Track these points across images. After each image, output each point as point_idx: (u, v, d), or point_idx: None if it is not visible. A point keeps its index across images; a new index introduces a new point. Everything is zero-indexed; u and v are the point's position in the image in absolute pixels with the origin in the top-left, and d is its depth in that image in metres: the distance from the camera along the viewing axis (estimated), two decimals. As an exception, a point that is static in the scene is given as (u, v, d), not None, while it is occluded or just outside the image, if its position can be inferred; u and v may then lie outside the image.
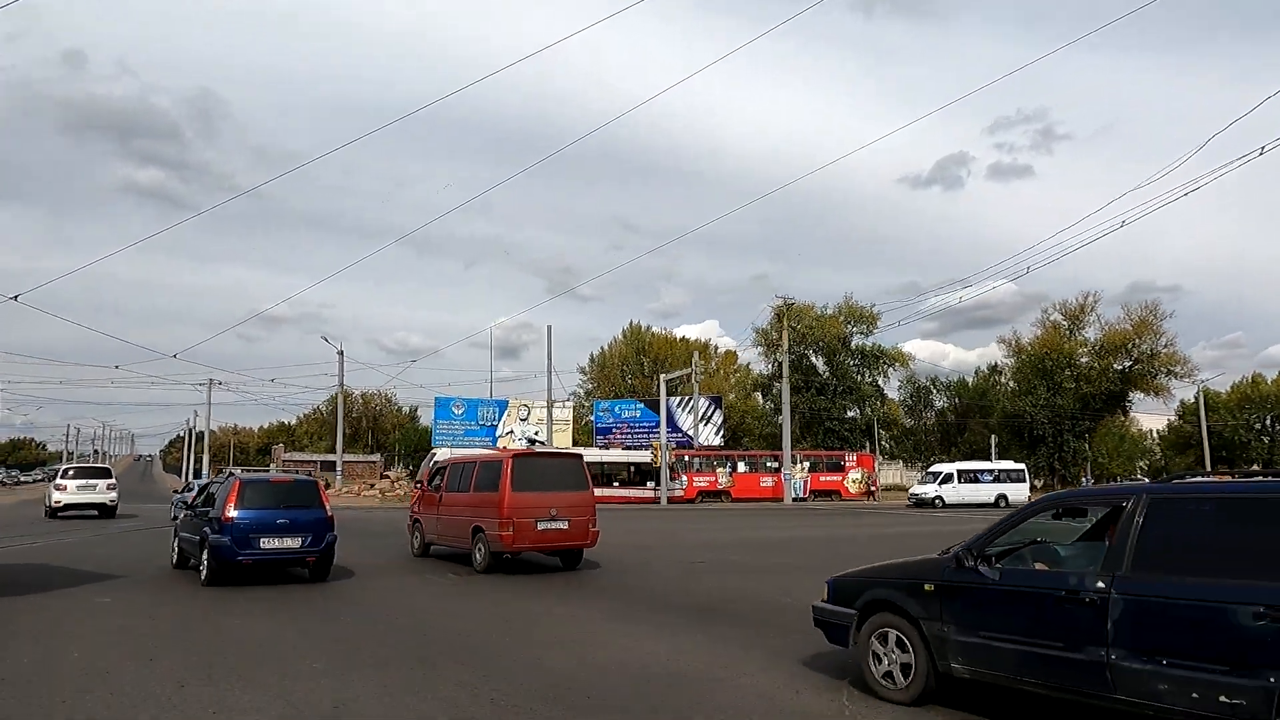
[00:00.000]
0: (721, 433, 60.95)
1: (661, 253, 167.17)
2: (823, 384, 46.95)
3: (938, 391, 69.83)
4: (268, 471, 37.06)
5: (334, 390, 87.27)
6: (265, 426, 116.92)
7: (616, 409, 65.04)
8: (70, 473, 28.63)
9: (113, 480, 27.93)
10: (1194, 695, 4.21)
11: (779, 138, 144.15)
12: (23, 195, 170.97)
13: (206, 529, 11.82)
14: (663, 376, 51.14)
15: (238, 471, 20.85)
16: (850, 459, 44.70)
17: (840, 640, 6.18)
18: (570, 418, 66.92)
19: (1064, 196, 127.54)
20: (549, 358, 72.48)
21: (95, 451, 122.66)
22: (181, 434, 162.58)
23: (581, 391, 79.53)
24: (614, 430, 64.77)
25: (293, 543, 11.80)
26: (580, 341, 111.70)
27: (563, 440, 65.79)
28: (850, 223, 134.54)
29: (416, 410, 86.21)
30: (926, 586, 5.59)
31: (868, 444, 50.38)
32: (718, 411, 61.21)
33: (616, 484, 46.02)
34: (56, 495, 27.01)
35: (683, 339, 78.97)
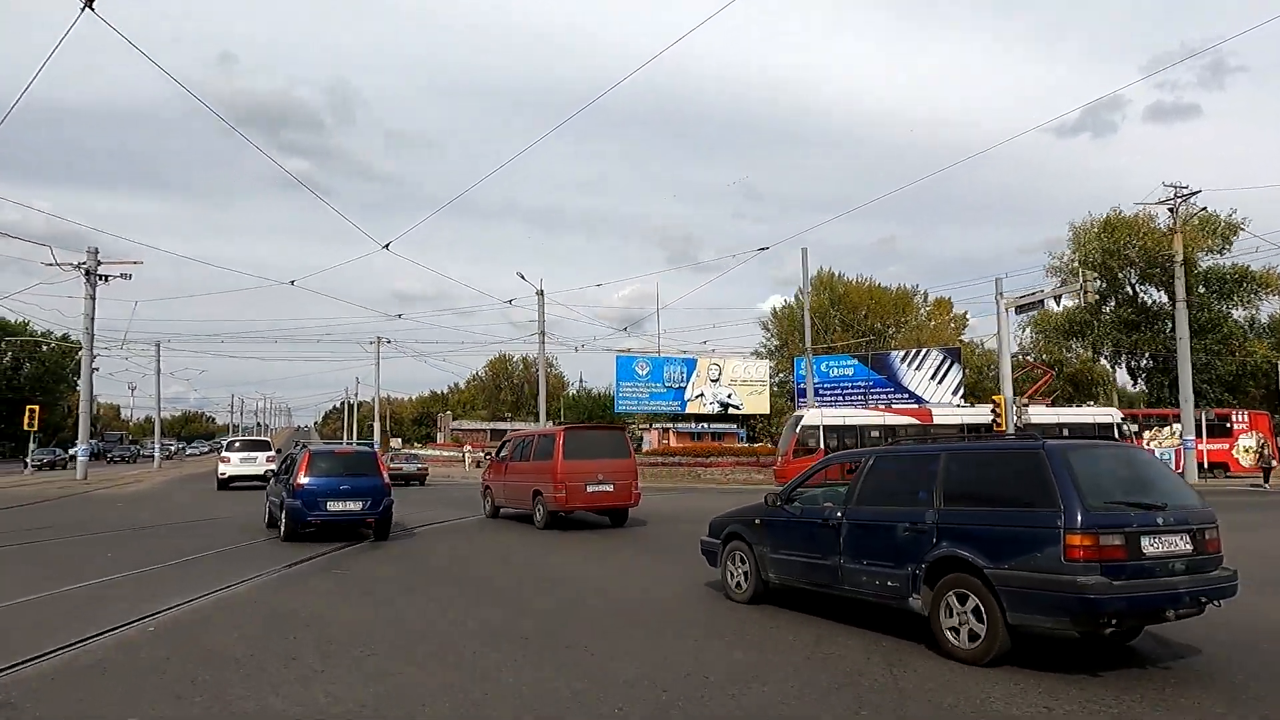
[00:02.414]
0: (960, 391, 50.25)
1: (784, 219, 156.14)
2: (1159, 315, 35.55)
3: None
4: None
5: (493, 356, 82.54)
6: (419, 396, 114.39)
7: (823, 366, 55.35)
8: (236, 445, 30.28)
9: (272, 453, 28.46)
10: (876, 583, 6.79)
11: (904, 93, 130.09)
12: (186, 187, 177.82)
13: (284, 493, 13.63)
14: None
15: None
16: (1240, 418, 32.32)
17: (713, 562, 8.97)
18: (766, 378, 57.88)
19: (1239, 136, 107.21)
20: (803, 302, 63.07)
21: (258, 424, 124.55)
22: (337, 405, 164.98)
23: (764, 351, 70.37)
24: (820, 391, 55.19)
25: (354, 506, 13.46)
26: (697, 312, 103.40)
27: (758, 406, 57.05)
28: (985, 179, 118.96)
29: (579, 379, 79.83)
30: (755, 521, 8.34)
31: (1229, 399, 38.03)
32: (954, 366, 50.56)
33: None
34: (223, 468, 28.22)
35: (884, 287, 68.25)
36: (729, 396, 56.85)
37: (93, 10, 11.94)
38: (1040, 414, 30.11)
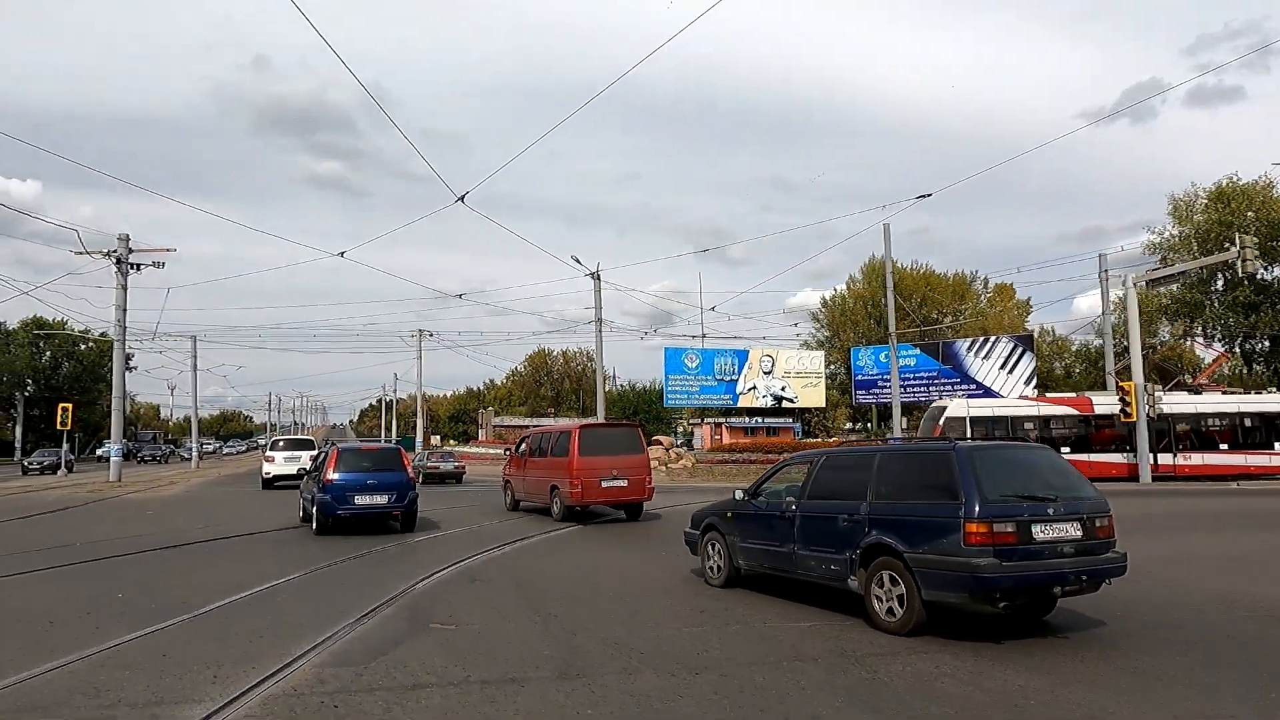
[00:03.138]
0: (1033, 381, 47.18)
1: (814, 212, 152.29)
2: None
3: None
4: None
5: (533, 350, 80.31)
6: (455, 393, 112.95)
7: (882, 356, 52.41)
8: (280, 444, 29.48)
9: (315, 452, 27.53)
10: (823, 567, 7.66)
11: (934, 80, 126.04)
12: (222, 191, 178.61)
13: (315, 489, 14.35)
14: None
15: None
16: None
17: (694, 550, 9.81)
18: (821, 369, 55.10)
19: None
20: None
21: (295, 423, 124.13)
22: (373, 403, 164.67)
23: (814, 342, 67.50)
24: (879, 383, 52.35)
25: (381, 499, 14.06)
26: (731, 304, 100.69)
27: (813, 399, 54.32)
28: (1020, 167, 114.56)
29: (613, 375, 77.51)
30: (728, 514, 9.23)
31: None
32: (1026, 355, 47.49)
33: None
34: (267, 467, 27.75)
35: (940, 274, 65.09)
36: (783, 389, 54.18)
37: None
38: (1216, 403, 27.47)
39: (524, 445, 18.88)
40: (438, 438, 74.62)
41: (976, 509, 6.37)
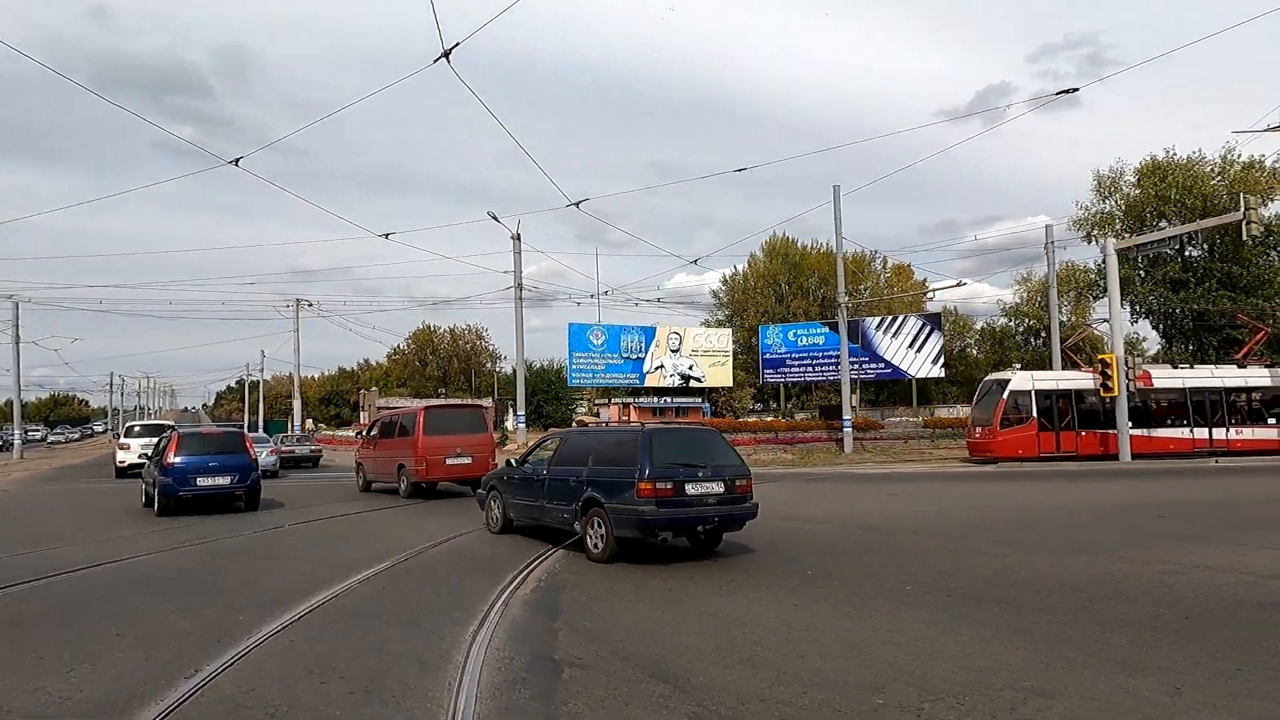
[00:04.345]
0: (941, 360, 47.32)
1: (694, 196, 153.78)
2: (1208, 271, 32.25)
3: None
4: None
5: (415, 329, 74.66)
6: (326, 374, 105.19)
7: (790, 335, 51.42)
8: (136, 430, 27.83)
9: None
10: (561, 516, 10.29)
11: (811, 74, 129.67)
12: (62, 155, 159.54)
13: (156, 472, 14.91)
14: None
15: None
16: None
17: (482, 506, 12.34)
18: (728, 348, 53.48)
19: (1114, 126, 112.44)
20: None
21: (138, 407, 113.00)
22: (232, 385, 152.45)
23: (713, 321, 66.15)
24: (787, 362, 51.32)
25: (223, 481, 14.85)
26: (614, 286, 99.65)
27: (720, 378, 52.68)
28: (887, 160, 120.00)
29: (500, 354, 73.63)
30: (504, 478, 11.83)
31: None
32: (935, 333, 47.52)
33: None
34: (121, 455, 26.16)
35: (834, 253, 64.79)
36: (690, 368, 52.21)
37: None
38: (1260, 377, 26.92)
39: (375, 428, 19.95)
40: (310, 421, 68.47)
41: (646, 473, 9.09)
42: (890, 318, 49.23)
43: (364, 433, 21.92)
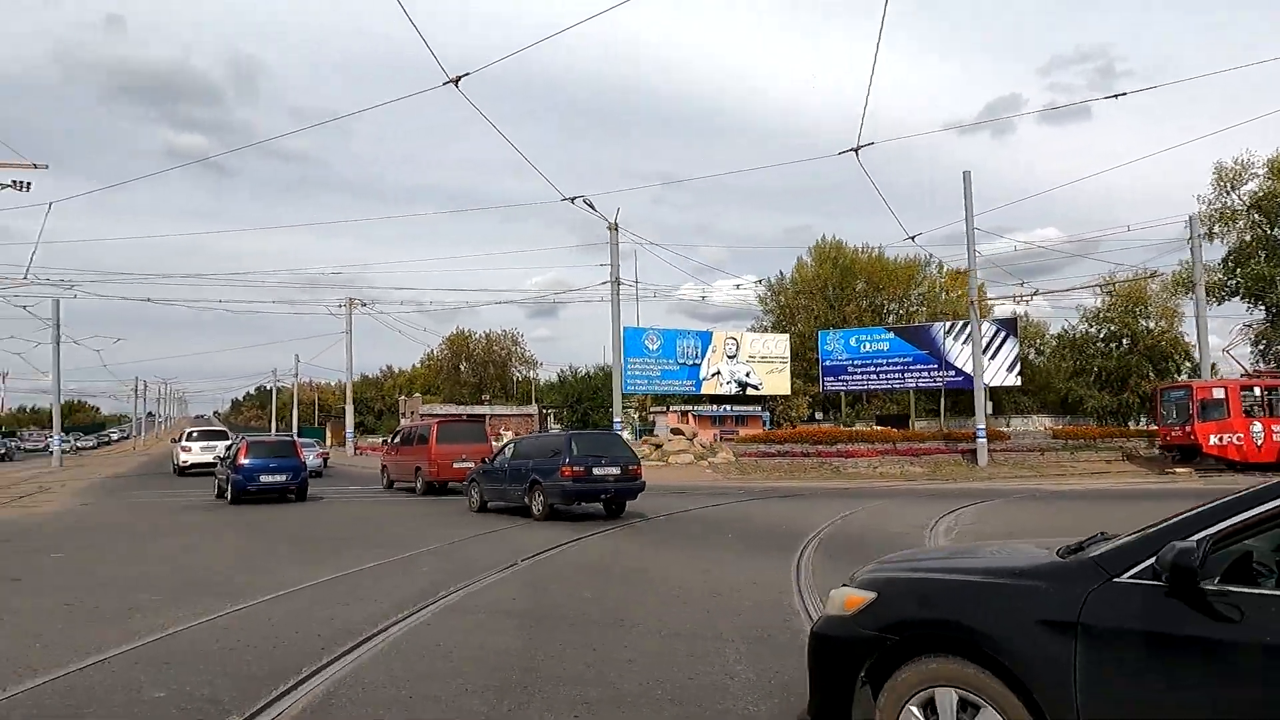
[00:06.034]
0: (1016, 368, 45.07)
1: (699, 207, 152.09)
2: None
3: None
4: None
5: (452, 333, 72.28)
6: (341, 382, 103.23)
7: (852, 341, 49.12)
8: (194, 435, 33.45)
9: (229, 441, 29.93)
10: (517, 495, 15.34)
11: (821, 86, 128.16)
12: (69, 163, 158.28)
13: (229, 471, 18.95)
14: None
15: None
16: None
17: (466, 494, 17.25)
18: (786, 354, 51.23)
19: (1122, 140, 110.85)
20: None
21: (148, 415, 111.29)
22: (250, 391, 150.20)
23: (758, 327, 63.97)
24: (848, 369, 49.01)
25: (280, 479, 18.75)
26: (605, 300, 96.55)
27: (778, 385, 50.47)
28: (895, 171, 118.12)
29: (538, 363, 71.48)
30: (481, 471, 16.60)
31: None
32: (1009, 339, 45.30)
33: None
34: (184, 456, 31.26)
35: (887, 257, 62.51)
36: (747, 375, 50.00)
37: None
38: None
39: (397, 438, 24.28)
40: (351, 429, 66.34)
41: (568, 461, 14.16)
42: (961, 323, 46.90)
43: (389, 440, 26.77)
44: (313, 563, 10.01)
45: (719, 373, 49.23)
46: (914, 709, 2.95)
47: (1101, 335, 44.38)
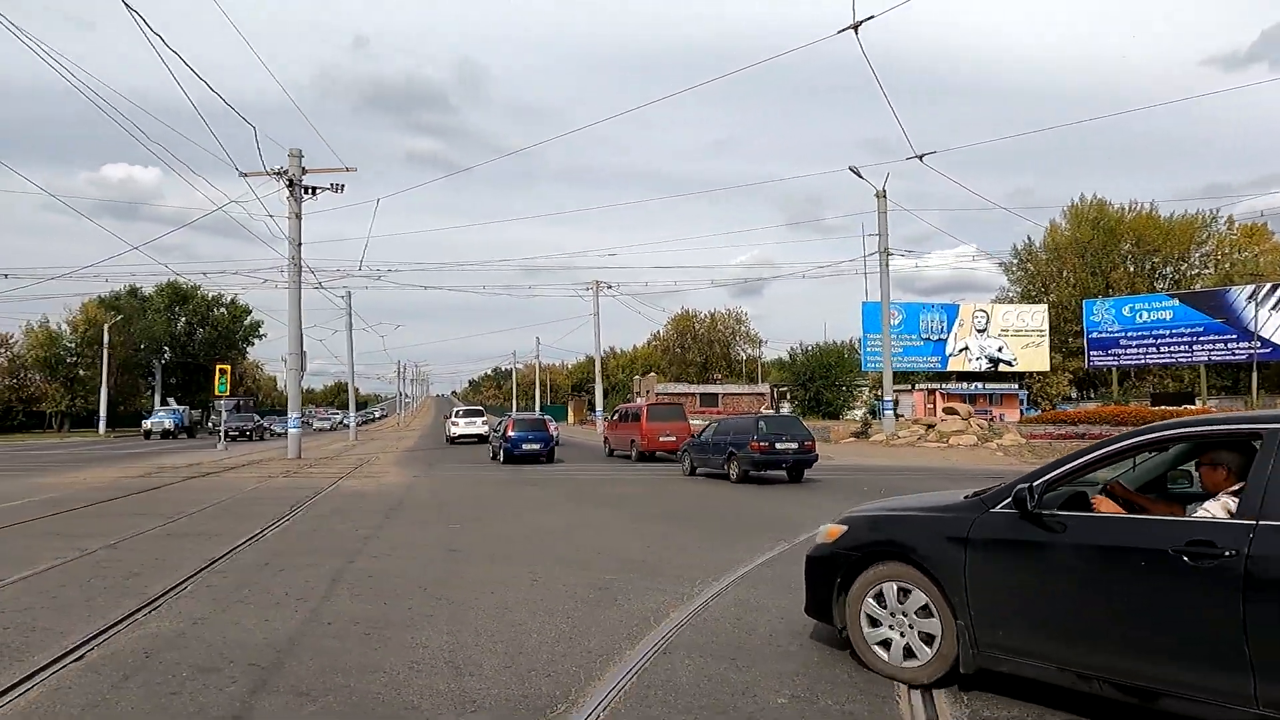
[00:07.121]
0: (1350, 338, 38.00)
1: (909, 175, 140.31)
2: None
3: None
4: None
5: (678, 313, 73.98)
6: (575, 363, 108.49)
7: (1125, 310, 43.75)
8: (460, 413, 39.88)
9: (486, 418, 38.57)
10: (717, 461, 18.31)
11: (1047, 33, 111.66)
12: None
13: (500, 440, 24.39)
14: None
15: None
16: None
17: (681, 461, 20.63)
18: (1044, 326, 46.80)
19: None
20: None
21: (395, 395, 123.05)
22: (487, 373, 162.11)
23: (1003, 298, 59.01)
24: (1120, 342, 43.72)
25: (536, 446, 23.54)
26: (820, 275, 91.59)
27: (1035, 361, 46.26)
28: (1138, 120, 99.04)
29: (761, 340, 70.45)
30: (689, 444, 20.23)
31: None
32: (1338, 304, 38.19)
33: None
34: (453, 429, 37.86)
35: (1157, 216, 55.11)
36: (1000, 350, 46.26)
37: None
38: None
39: (616, 415, 28.65)
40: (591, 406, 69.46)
41: (755, 438, 16.78)
42: (1270, 285, 40.33)
43: (609, 418, 33.52)
44: (722, 546, 8.98)
45: (967, 348, 46.00)
46: (870, 599, 4.62)
47: None
